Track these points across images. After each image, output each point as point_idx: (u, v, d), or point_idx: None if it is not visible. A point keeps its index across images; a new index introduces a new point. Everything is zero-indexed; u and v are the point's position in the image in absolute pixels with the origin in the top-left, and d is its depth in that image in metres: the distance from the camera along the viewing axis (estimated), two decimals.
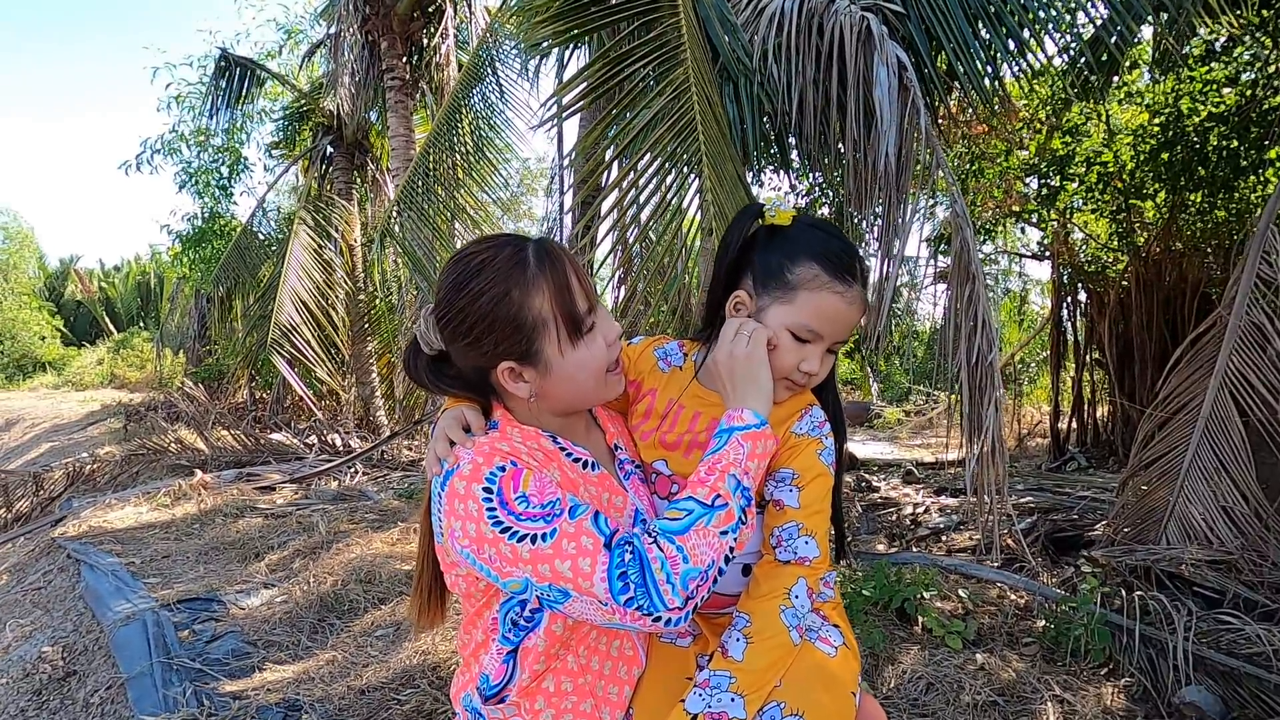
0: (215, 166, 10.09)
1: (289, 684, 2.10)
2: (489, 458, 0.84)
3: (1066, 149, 6.63)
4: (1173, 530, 2.91)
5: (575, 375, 0.89)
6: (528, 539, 0.78)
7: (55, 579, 3.63)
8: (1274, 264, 2.78)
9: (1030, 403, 12.40)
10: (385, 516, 4.20)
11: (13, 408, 16.46)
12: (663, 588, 0.76)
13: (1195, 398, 2.98)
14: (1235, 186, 6.07)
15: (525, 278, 0.86)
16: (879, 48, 2.28)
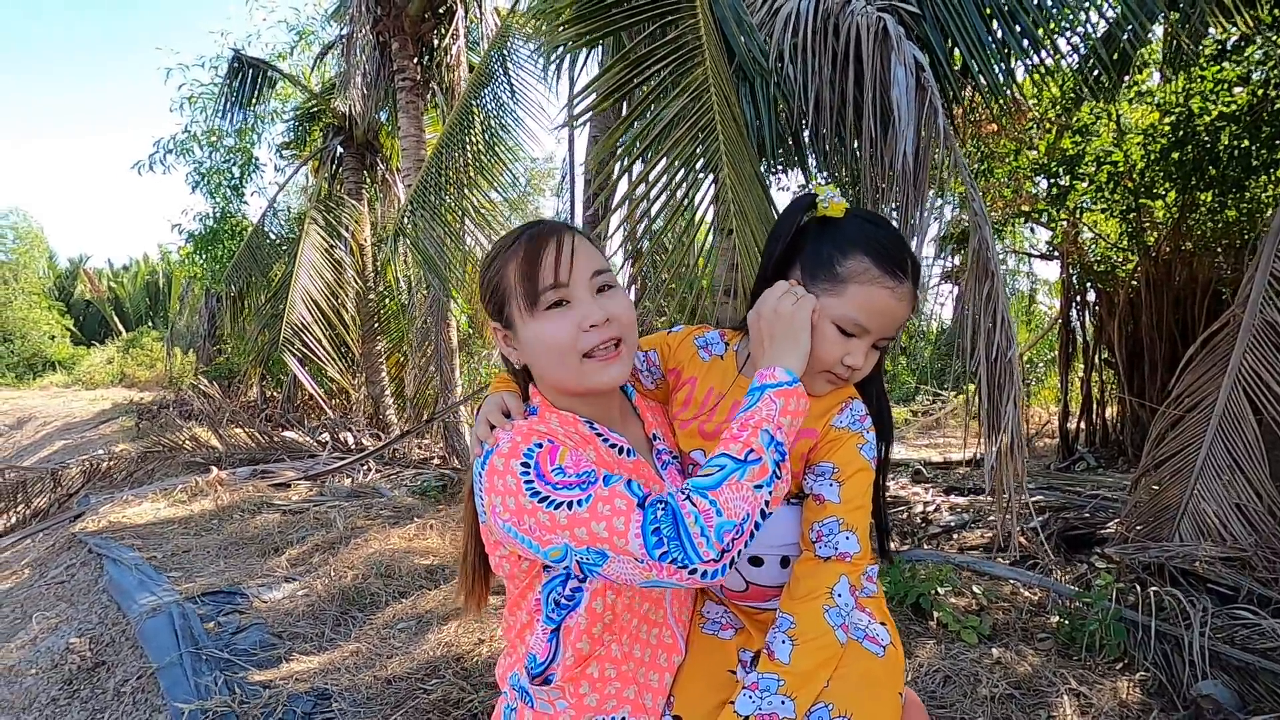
0: (227, 167, 10.17)
1: (316, 674, 2.14)
2: (527, 436, 0.87)
3: (1076, 148, 6.63)
4: (1186, 527, 2.92)
5: (535, 346, 0.91)
6: (564, 505, 0.80)
7: (78, 573, 3.69)
8: None
9: (1038, 403, 12.38)
10: (400, 513, 4.25)
11: (24, 406, 16.60)
12: (697, 541, 0.75)
13: (1208, 396, 2.99)
14: (1246, 186, 6.07)
15: (509, 248, 0.93)
16: (896, 48, 2.30)
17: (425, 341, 8.36)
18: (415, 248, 5.56)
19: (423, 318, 8.40)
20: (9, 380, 24.84)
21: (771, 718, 0.83)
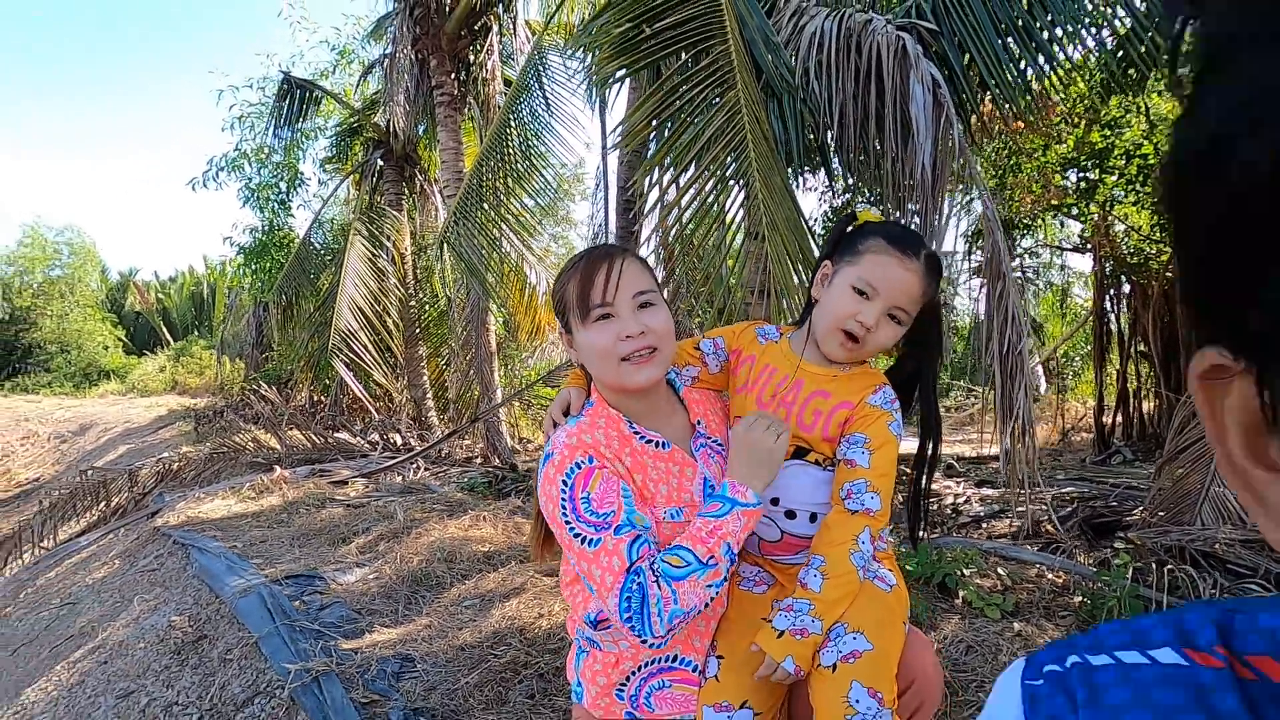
0: (275, 182, 10.66)
1: (397, 643, 2.41)
2: (573, 451, 1.09)
3: (1105, 142, 6.65)
4: (1207, 512, 3.04)
5: (585, 350, 1.14)
6: (579, 539, 1.04)
7: (166, 561, 4.04)
8: None
9: (1075, 397, 12.27)
10: (453, 507, 4.53)
11: (85, 414, 17.46)
12: (654, 620, 0.99)
13: None
14: None
15: (571, 269, 1.16)
16: (915, 66, 2.49)
17: (465, 346, 8.72)
18: (459, 256, 5.86)
19: (463, 323, 8.75)
20: (68, 389, 26.05)
21: (802, 632, 1.05)
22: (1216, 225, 0.21)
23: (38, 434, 16.21)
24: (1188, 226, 0.22)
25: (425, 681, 2.10)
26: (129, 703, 2.54)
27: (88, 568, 4.82)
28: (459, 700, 1.97)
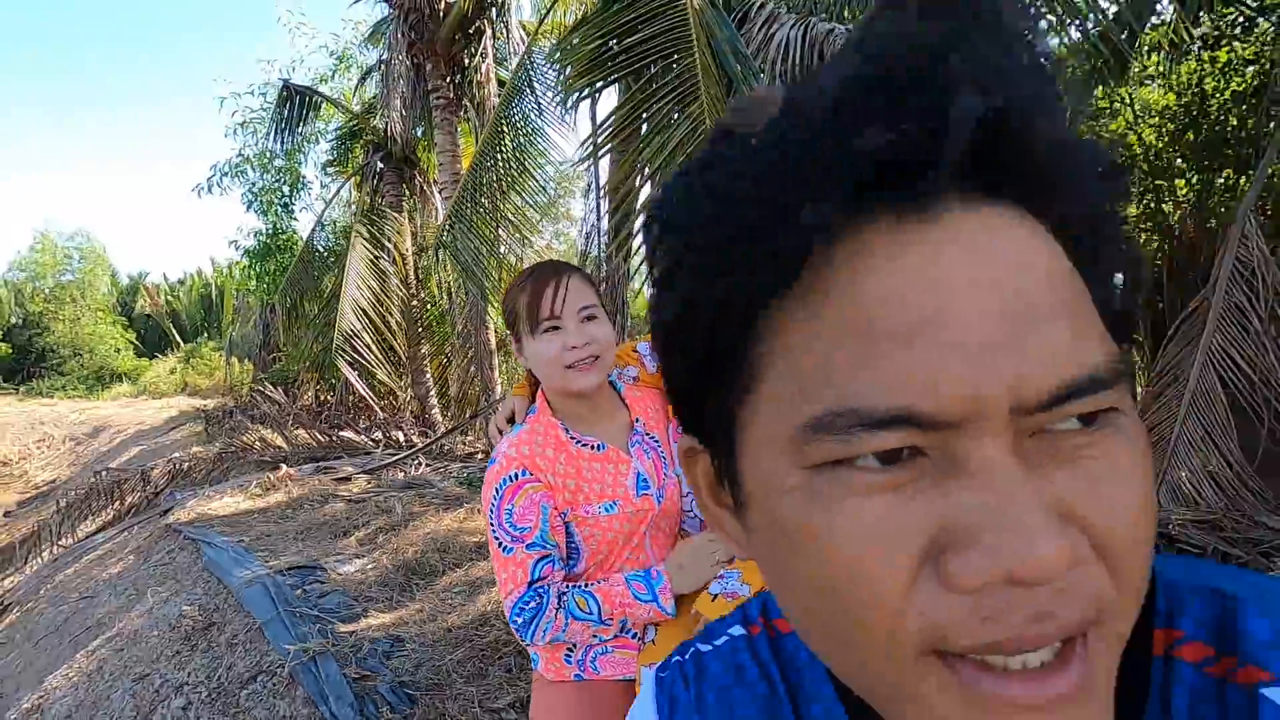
0: (277, 186, 10.86)
1: (390, 625, 2.59)
2: (510, 463, 1.25)
3: (1089, 133, 6.74)
4: (1164, 494, 3.17)
5: (534, 358, 1.27)
6: (498, 542, 1.22)
7: (178, 556, 4.24)
8: (1250, 248, 3.02)
9: None
10: (450, 501, 4.72)
11: (98, 416, 17.80)
12: (537, 634, 1.18)
13: (1184, 372, 3.23)
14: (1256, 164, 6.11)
15: (521, 283, 1.30)
16: None
17: (466, 344, 8.89)
18: (454, 258, 6.03)
19: (463, 322, 8.93)
20: (80, 392, 26.47)
21: (734, 595, 1.21)
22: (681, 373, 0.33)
23: (53, 437, 16.56)
24: (670, 370, 0.34)
25: (413, 659, 2.28)
26: (143, 685, 2.73)
27: (104, 563, 5.04)
28: (443, 675, 2.14)
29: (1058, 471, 0.25)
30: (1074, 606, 0.25)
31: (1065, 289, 0.26)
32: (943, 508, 0.25)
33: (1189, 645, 0.31)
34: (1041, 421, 0.25)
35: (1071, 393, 0.25)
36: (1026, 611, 0.25)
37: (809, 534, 0.28)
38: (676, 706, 0.44)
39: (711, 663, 0.45)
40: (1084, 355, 0.25)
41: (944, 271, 0.25)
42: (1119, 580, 0.26)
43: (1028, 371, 0.25)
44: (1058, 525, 0.24)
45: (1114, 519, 0.25)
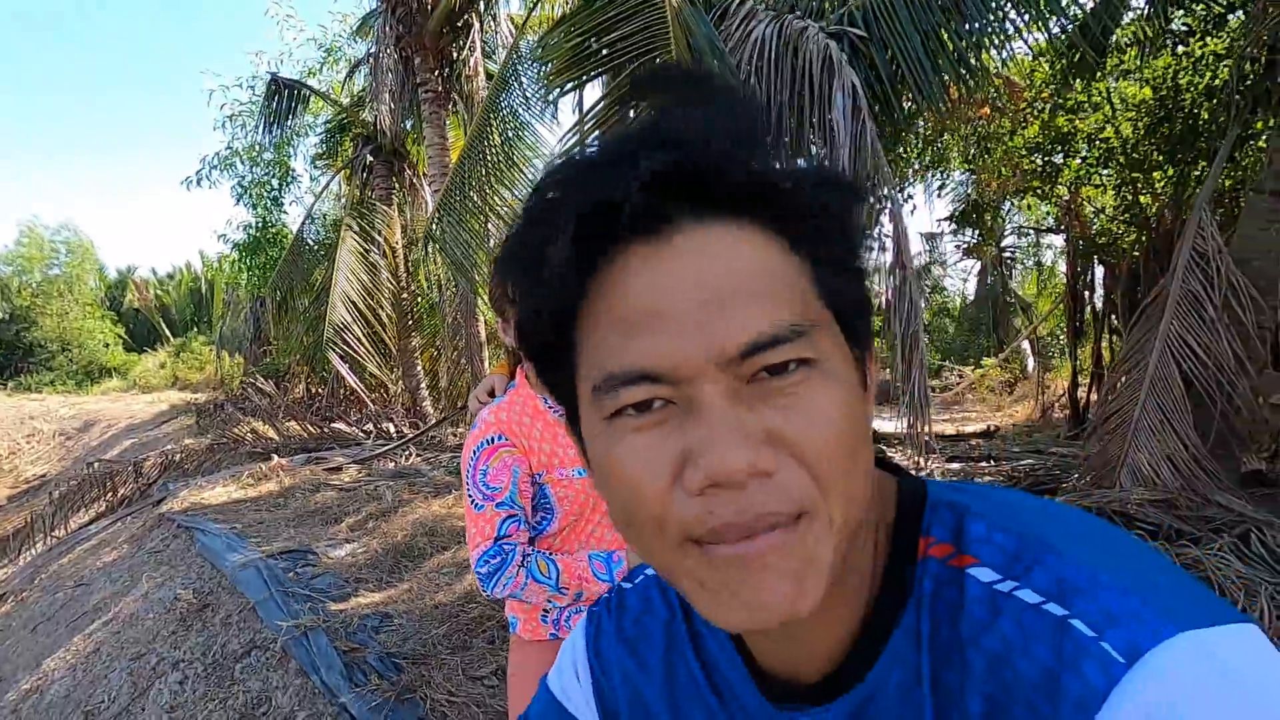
0: (267, 179, 10.87)
1: (379, 604, 2.69)
2: (488, 427, 1.37)
3: (1069, 125, 6.85)
4: (1125, 476, 3.31)
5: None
6: (471, 501, 1.33)
7: (172, 544, 4.33)
8: (1206, 238, 3.14)
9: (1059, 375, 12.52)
10: (440, 488, 4.81)
11: (88, 411, 17.74)
12: (497, 587, 1.28)
13: (1144, 359, 3.36)
14: (1234, 157, 6.24)
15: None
16: (837, 73, 2.73)
17: (456, 336, 8.96)
18: (443, 251, 6.10)
19: (453, 315, 9.00)
20: (69, 387, 26.33)
21: None
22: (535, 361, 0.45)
23: (42, 431, 16.51)
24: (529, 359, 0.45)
25: (400, 633, 2.39)
26: (140, 664, 2.83)
27: (98, 553, 5.11)
28: (429, 647, 2.25)
29: (765, 407, 0.37)
30: (774, 500, 0.36)
31: (762, 278, 0.38)
32: (683, 439, 0.37)
33: (937, 546, 0.43)
34: (745, 371, 0.37)
35: (755, 349, 0.36)
36: (735, 505, 0.36)
37: (607, 463, 0.40)
38: (601, 631, 0.58)
39: (630, 597, 0.58)
40: (767, 321, 0.37)
41: (669, 277, 0.38)
42: (819, 482, 0.37)
43: (721, 338, 0.36)
44: (746, 443, 0.36)
45: (807, 438, 0.36)
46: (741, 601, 0.37)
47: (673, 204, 0.38)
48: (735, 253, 0.38)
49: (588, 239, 0.38)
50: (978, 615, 0.39)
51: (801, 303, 0.38)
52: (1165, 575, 0.38)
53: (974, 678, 0.39)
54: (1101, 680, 0.34)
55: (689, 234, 0.38)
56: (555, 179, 0.40)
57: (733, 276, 0.37)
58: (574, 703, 0.57)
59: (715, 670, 0.51)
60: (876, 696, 0.43)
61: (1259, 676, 0.33)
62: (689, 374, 0.36)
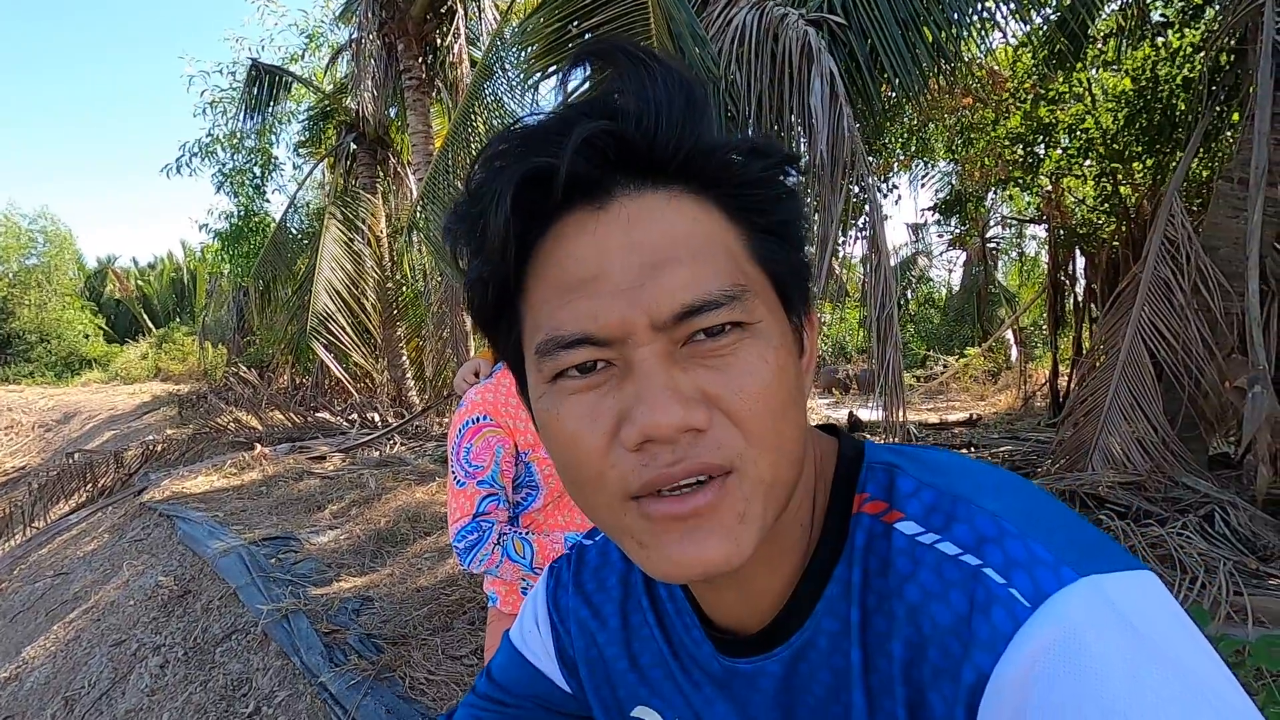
0: (248, 167, 10.74)
1: (361, 588, 2.71)
2: (474, 407, 1.40)
3: (1050, 116, 6.91)
4: (1097, 459, 3.37)
5: None
6: (454, 477, 1.36)
7: (153, 532, 4.31)
8: (1176, 226, 3.20)
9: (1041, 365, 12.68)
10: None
11: (68, 402, 17.53)
12: (473, 562, 1.32)
13: (1117, 344, 3.42)
14: (1210, 147, 6.32)
15: None
16: (816, 60, 2.74)
17: (441, 326, 8.93)
18: (427, 239, 6.07)
19: (438, 304, 8.96)
20: (49, 379, 25.97)
21: None
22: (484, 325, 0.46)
23: (21, 423, 16.30)
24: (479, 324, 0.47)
25: (381, 615, 2.40)
26: (121, 649, 2.83)
27: (78, 542, 5.08)
28: (409, 629, 2.27)
29: (699, 368, 0.39)
30: (704, 453, 0.38)
31: (696, 243, 0.40)
32: (620, 399, 0.39)
33: (871, 503, 0.45)
34: (680, 334, 0.39)
35: (689, 313, 0.38)
36: (667, 458, 0.38)
37: (551, 423, 0.42)
38: (560, 582, 0.61)
39: (589, 552, 0.61)
40: (701, 287, 0.39)
41: (605, 242, 0.39)
42: (749, 438, 0.39)
43: (656, 301, 0.38)
44: (679, 401, 0.38)
45: (738, 397, 0.39)
46: (677, 557, 0.39)
47: (609, 172, 0.39)
48: (671, 219, 0.39)
49: (527, 206, 0.39)
50: (901, 567, 0.42)
51: (735, 268, 0.40)
52: (1071, 527, 0.41)
53: (898, 624, 0.41)
54: (1008, 623, 0.36)
55: (626, 201, 0.39)
56: (497, 149, 0.41)
57: (668, 242, 0.39)
58: (534, 652, 0.60)
59: (667, 620, 0.53)
60: (813, 643, 0.45)
61: (1150, 617, 0.36)
62: (625, 336, 0.38)
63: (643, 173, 0.40)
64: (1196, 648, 0.36)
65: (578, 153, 0.38)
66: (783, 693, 0.47)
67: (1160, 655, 0.35)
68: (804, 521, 0.46)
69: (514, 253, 0.41)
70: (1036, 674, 0.35)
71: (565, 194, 0.39)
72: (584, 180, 0.39)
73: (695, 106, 0.40)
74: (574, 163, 0.38)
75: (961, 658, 0.38)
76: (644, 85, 0.39)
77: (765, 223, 0.42)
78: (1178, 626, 0.36)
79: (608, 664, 0.56)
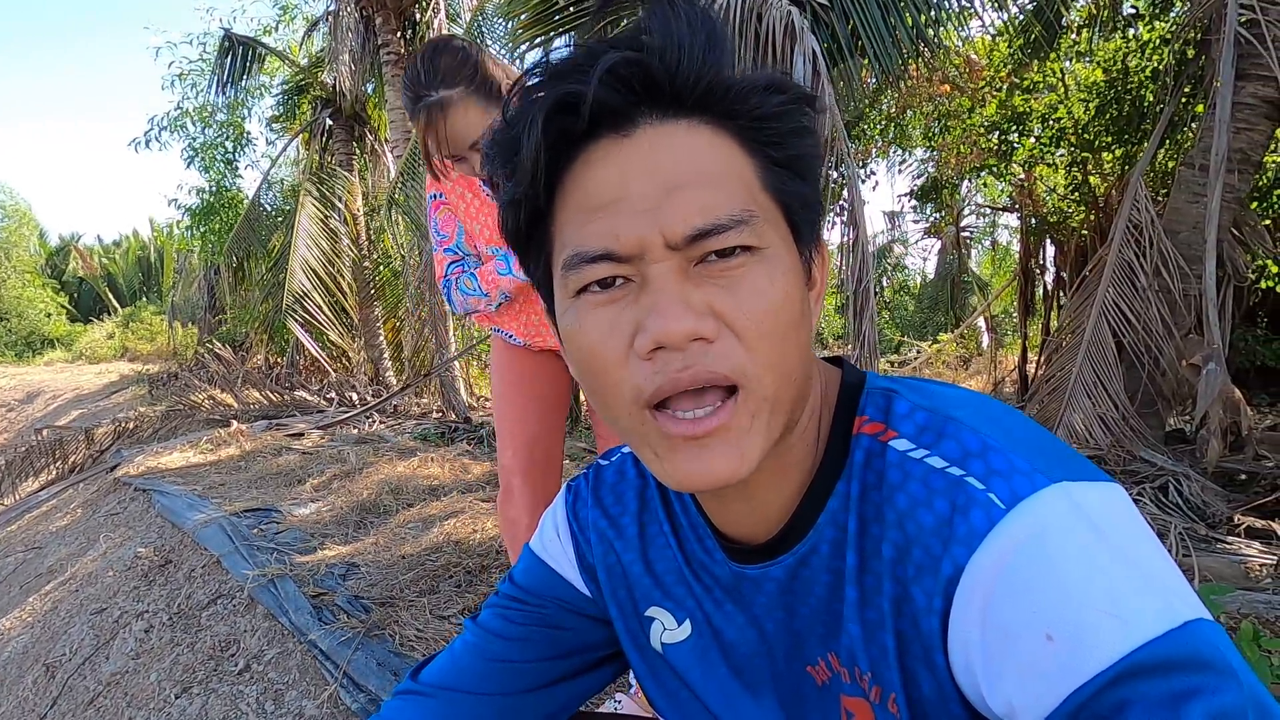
0: (220, 141, 10.50)
1: (346, 556, 2.74)
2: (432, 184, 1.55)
3: (1024, 105, 7.04)
4: (1061, 434, 3.51)
5: None
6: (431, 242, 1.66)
7: (129, 506, 4.28)
8: (1141, 210, 3.32)
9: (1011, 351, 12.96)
10: (404, 453, 4.83)
11: (31, 382, 17.05)
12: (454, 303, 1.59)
13: (1082, 324, 3.55)
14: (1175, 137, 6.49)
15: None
16: (799, 40, 2.79)
17: (419, 306, 8.87)
18: (407, 216, 6.03)
19: (416, 283, 8.89)
20: (9, 358, 25.22)
21: None
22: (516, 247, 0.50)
23: None
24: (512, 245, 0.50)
25: (368, 580, 2.44)
26: (102, 618, 2.83)
27: (50, 519, 5.01)
28: (396, 592, 2.31)
29: (710, 285, 0.43)
30: (712, 362, 0.42)
31: (712, 170, 0.43)
32: (637, 311, 0.43)
33: (869, 424, 0.50)
34: (694, 253, 0.43)
35: (701, 234, 0.42)
36: (677, 364, 0.42)
37: (574, 335, 0.46)
38: (580, 497, 0.66)
39: (606, 471, 0.66)
40: (713, 211, 0.42)
41: (628, 166, 0.43)
42: (753, 356, 0.43)
43: (671, 222, 0.42)
44: (689, 312, 0.42)
45: (745, 315, 0.43)
46: (688, 469, 0.44)
47: (634, 102, 0.43)
48: (690, 147, 0.43)
49: (557, 133, 0.43)
50: (893, 478, 0.46)
51: (748, 195, 0.43)
52: (1050, 445, 0.46)
53: (888, 529, 0.46)
54: (984, 522, 0.41)
55: (648, 130, 0.43)
56: (531, 80, 0.45)
57: (685, 168, 0.42)
58: (554, 559, 0.65)
59: (681, 531, 0.59)
60: (815, 550, 0.50)
61: (1113, 520, 0.40)
62: (642, 252, 0.42)
63: (666, 103, 0.43)
64: (1153, 549, 0.40)
65: (603, 82, 0.42)
66: (785, 594, 0.52)
67: (1118, 551, 0.39)
68: (808, 442, 0.50)
69: (545, 177, 0.44)
70: (1005, 565, 0.39)
71: (592, 122, 0.43)
72: (610, 108, 0.43)
73: (716, 43, 0.44)
74: (599, 91, 0.42)
75: (941, 554, 0.42)
76: (668, 21, 0.43)
77: (780, 155, 0.46)
78: (1137, 530, 0.41)
79: (625, 568, 0.61)
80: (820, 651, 0.51)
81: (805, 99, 0.46)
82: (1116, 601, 0.37)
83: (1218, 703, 0.34)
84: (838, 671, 0.51)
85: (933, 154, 9.14)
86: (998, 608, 0.39)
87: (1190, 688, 0.34)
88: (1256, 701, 0.35)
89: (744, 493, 0.50)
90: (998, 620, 0.39)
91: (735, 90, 0.44)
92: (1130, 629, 0.36)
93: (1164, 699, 0.34)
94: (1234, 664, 0.35)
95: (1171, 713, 0.34)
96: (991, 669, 0.40)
